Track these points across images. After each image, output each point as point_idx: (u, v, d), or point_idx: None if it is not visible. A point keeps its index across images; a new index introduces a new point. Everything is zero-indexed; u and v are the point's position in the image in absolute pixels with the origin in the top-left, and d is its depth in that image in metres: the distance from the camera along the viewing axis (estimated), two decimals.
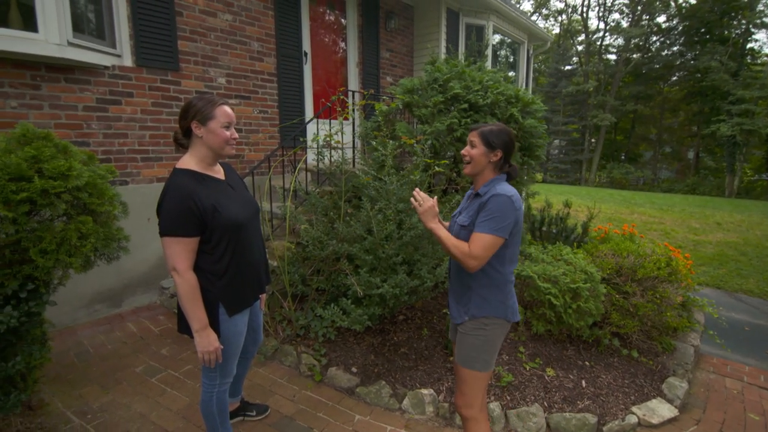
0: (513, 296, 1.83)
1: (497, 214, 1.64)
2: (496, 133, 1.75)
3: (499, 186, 1.72)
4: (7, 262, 1.89)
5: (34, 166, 1.76)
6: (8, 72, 3.01)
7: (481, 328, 1.77)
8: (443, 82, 3.90)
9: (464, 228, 1.77)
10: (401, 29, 6.60)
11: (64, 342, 3.14)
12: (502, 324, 1.79)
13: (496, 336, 1.79)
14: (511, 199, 1.67)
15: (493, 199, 1.67)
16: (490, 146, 1.74)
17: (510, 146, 1.76)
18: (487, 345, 1.78)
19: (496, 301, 1.77)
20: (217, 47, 4.28)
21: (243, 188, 1.94)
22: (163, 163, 3.92)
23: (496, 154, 1.74)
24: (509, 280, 1.79)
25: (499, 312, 1.77)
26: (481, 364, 1.78)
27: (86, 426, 2.32)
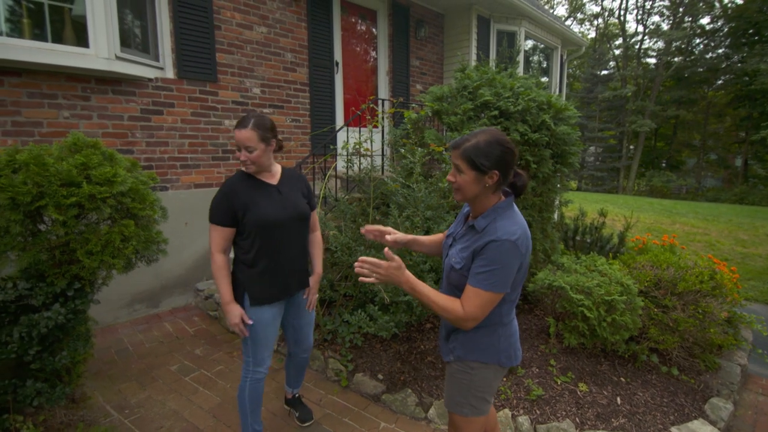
0: (508, 338, 1.53)
1: (497, 265, 1.33)
2: (483, 151, 1.35)
3: (501, 222, 1.38)
4: (57, 262, 2.02)
5: (83, 172, 1.89)
6: (62, 85, 3.24)
7: (467, 372, 1.53)
8: (473, 89, 3.88)
9: (455, 270, 1.47)
10: (431, 37, 6.63)
11: (105, 339, 3.30)
12: (495, 369, 1.52)
13: (484, 381, 1.53)
14: (515, 244, 1.33)
15: (493, 245, 1.34)
16: (479, 169, 1.36)
17: (506, 160, 1.37)
18: (474, 390, 1.54)
19: (486, 344, 1.50)
20: (252, 59, 4.44)
21: (294, 195, 2.05)
22: (200, 170, 4.09)
23: (492, 177, 1.37)
24: (504, 323, 1.51)
25: (489, 357, 1.50)
26: (470, 410, 1.55)
27: (124, 420, 2.43)
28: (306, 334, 2.26)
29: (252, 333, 1.97)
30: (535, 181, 3.82)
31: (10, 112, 3.03)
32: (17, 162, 1.79)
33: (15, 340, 1.97)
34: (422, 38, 6.43)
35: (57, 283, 2.01)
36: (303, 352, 2.31)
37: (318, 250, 2.25)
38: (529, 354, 3.28)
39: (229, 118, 4.28)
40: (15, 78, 3.04)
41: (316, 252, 2.25)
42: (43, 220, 1.97)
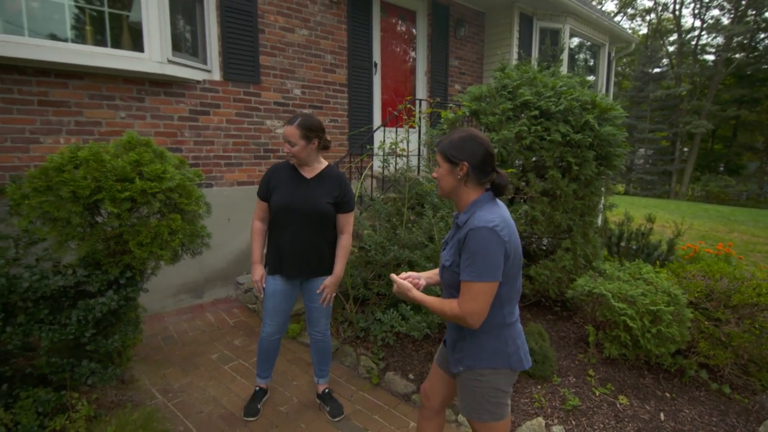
0: (516, 341, 1.51)
1: (479, 253, 1.34)
2: (456, 144, 1.46)
3: (480, 213, 1.41)
4: (111, 252, 2.18)
5: (136, 169, 2.02)
6: (119, 87, 3.47)
7: (478, 380, 1.51)
8: (513, 89, 3.80)
9: (446, 269, 1.51)
10: (471, 36, 6.55)
11: (153, 326, 3.51)
12: (506, 374, 1.51)
13: (498, 386, 1.51)
14: (494, 231, 1.34)
15: (472, 235, 1.36)
16: (451, 161, 1.45)
17: (479, 155, 1.43)
18: (488, 396, 1.51)
19: (493, 349, 1.48)
20: (294, 61, 4.56)
21: (319, 192, 2.23)
22: (243, 168, 4.25)
23: (462, 168, 1.44)
24: (508, 323, 1.49)
25: (498, 362, 1.48)
26: (489, 415, 1.53)
27: (167, 403, 2.57)
28: (317, 318, 2.42)
29: (264, 296, 2.35)
30: (577, 184, 3.69)
31: (74, 112, 3.28)
32: (78, 158, 1.95)
33: (73, 322, 2.14)
34: (462, 38, 6.36)
35: (111, 271, 2.16)
36: (317, 334, 2.47)
37: (341, 253, 2.32)
38: (566, 362, 3.18)
39: (270, 119, 4.42)
40: (78, 81, 3.28)
41: (339, 254, 2.32)
42: (99, 212, 2.12)
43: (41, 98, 3.13)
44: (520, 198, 3.86)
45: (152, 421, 2.34)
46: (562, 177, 3.65)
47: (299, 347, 3.30)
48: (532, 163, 3.82)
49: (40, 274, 2.01)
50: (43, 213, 1.93)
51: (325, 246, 2.29)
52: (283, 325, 2.44)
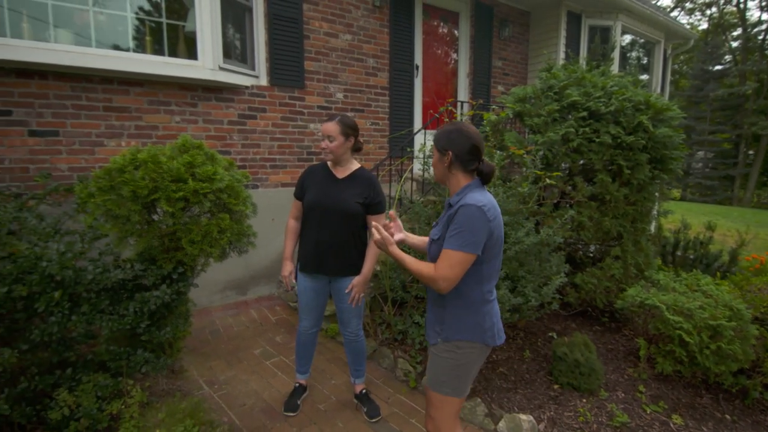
0: (492, 317, 1.64)
1: (465, 227, 1.48)
2: (444, 135, 1.63)
3: (471, 194, 1.56)
4: (166, 248, 2.31)
5: (189, 170, 2.14)
6: (175, 93, 3.68)
7: (453, 351, 1.62)
8: (559, 90, 3.68)
9: (434, 242, 1.64)
10: (515, 36, 6.40)
11: (201, 320, 3.68)
12: (480, 348, 1.63)
13: (470, 361, 1.63)
14: (482, 210, 1.49)
15: (461, 210, 1.50)
16: (441, 150, 1.63)
17: (463, 145, 1.58)
18: (458, 369, 1.63)
19: (471, 323, 1.60)
20: (337, 65, 4.65)
21: (349, 192, 2.28)
22: (287, 171, 4.38)
23: (447, 156, 1.60)
24: (487, 300, 1.62)
25: (474, 335, 1.60)
26: (451, 389, 1.64)
27: (213, 395, 2.68)
28: (348, 318, 2.46)
29: (297, 293, 2.46)
30: (628, 188, 3.51)
31: (134, 117, 3.52)
32: (138, 160, 2.09)
33: (130, 313, 2.29)
34: (506, 38, 6.24)
35: (165, 266, 2.30)
36: (349, 334, 2.50)
37: (371, 253, 2.34)
38: (615, 377, 3.02)
39: (314, 122, 4.53)
40: (138, 88, 3.52)
41: (369, 254, 2.34)
42: (156, 211, 2.26)
43: (106, 104, 3.38)
44: (566, 203, 3.72)
45: (199, 411, 2.45)
46: (612, 181, 3.48)
47: (338, 347, 3.34)
48: (579, 166, 3.67)
49: (103, 268, 2.17)
50: (106, 211, 2.08)
51: (353, 245, 2.33)
52: (317, 320, 2.52)
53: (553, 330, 3.59)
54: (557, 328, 3.64)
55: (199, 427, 2.30)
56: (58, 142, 3.23)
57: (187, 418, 2.35)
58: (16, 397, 2.06)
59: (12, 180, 3.09)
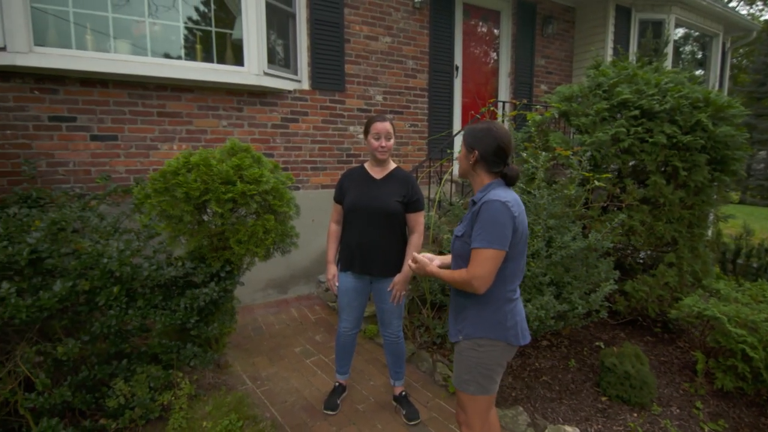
0: (516, 316, 1.62)
1: (491, 223, 1.48)
2: (473, 133, 1.63)
3: (495, 191, 1.56)
4: (214, 247, 2.40)
5: (237, 172, 2.22)
6: (222, 98, 3.83)
7: (474, 349, 1.62)
8: (608, 87, 3.52)
9: (458, 238, 1.65)
10: (560, 34, 6.19)
11: (244, 317, 3.80)
12: (502, 347, 1.61)
13: (492, 359, 1.62)
14: (506, 205, 1.48)
15: (485, 206, 1.51)
16: (468, 147, 1.64)
17: (489, 145, 1.58)
18: (481, 368, 1.62)
19: (493, 321, 1.59)
20: (376, 68, 4.68)
21: (388, 191, 2.28)
22: (327, 173, 4.45)
23: (473, 155, 1.61)
24: (510, 299, 1.61)
25: (496, 334, 1.59)
26: (476, 387, 1.64)
27: (256, 390, 2.76)
28: (389, 319, 2.45)
29: (338, 293, 2.47)
30: (684, 191, 3.30)
31: (185, 122, 3.69)
32: (191, 163, 2.18)
33: (181, 309, 2.39)
34: (549, 35, 6.05)
35: (213, 265, 2.39)
36: (390, 335, 2.51)
37: (411, 251, 2.32)
38: (668, 391, 2.85)
39: (353, 125, 4.58)
40: (189, 94, 3.69)
41: (409, 253, 2.33)
42: (206, 211, 2.36)
43: (160, 110, 3.57)
44: (614, 206, 3.54)
45: (243, 406, 2.53)
46: (666, 183, 3.29)
47: (376, 348, 3.35)
48: (630, 167, 3.50)
49: (157, 265, 2.28)
50: (161, 211, 2.19)
51: (394, 244, 2.33)
52: (357, 320, 2.53)
53: (600, 339, 3.43)
54: (605, 338, 3.48)
55: (244, 421, 2.38)
56: (117, 146, 3.44)
57: (232, 412, 2.43)
58: (77, 385, 2.21)
59: (76, 181, 3.32)
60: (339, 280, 2.46)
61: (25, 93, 3.12)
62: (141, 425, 2.33)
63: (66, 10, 3.20)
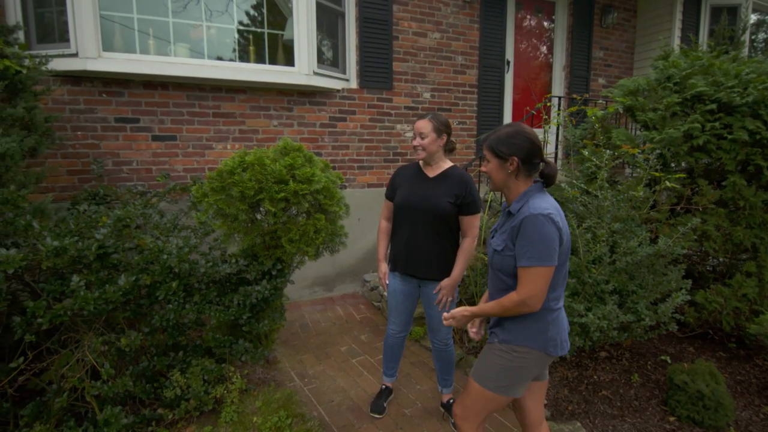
0: (558, 326, 1.54)
1: (537, 239, 1.40)
2: (504, 140, 1.52)
3: (533, 201, 1.47)
4: (267, 246, 2.43)
5: (290, 172, 2.23)
6: (273, 98, 3.89)
7: (509, 353, 1.55)
8: (680, 80, 3.23)
9: (498, 253, 1.56)
10: (620, 24, 5.81)
11: (291, 314, 3.86)
12: (539, 356, 1.53)
13: (526, 366, 1.54)
14: (549, 217, 1.41)
15: (527, 221, 1.42)
16: (500, 156, 1.52)
17: (527, 148, 1.49)
18: (510, 371, 1.55)
19: (532, 330, 1.52)
20: (424, 64, 4.59)
21: (439, 191, 2.20)
22: (373, 171, 4.43)
23: (512, 163, 1.50)
24: (552, 308, 1.52)
25: (535, 343, 1.52)
26: (494, 386, 1.58)
27: (304, 388, 2.78)
28: (437, 326, 2.36)
29: (387, 294, 2.44)
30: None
31: (238, 122, 3.79)
32: (246, 163, 2.22)
33: (234, 305, 2.45)
34: (608, 26, 5.69)
35: (266, 263, 2.42)
36: (438, 342, 2.41)
37: (462, 256, 2.22)
38: (747, 414, 2.58)
39: (400, 123, 4.52)
40: (242, 94, 3.78)
41: (459, 257, 2.23)
42: (259, 210, 2.39)
43: (215, 111, 3.69)
44: (683, 208, 3.26)
45: (291, 403, 2.55)
46: (747, 184, 2.97)
47: (422, 351, 3.29)
48: (704, 166, 3.20)
49: (213, 262, 2.34)
50: (218, 209, 2.24)
51: (444, 247, 2.22)
52: (406, 323, 2.47)
53: (665, 353, 3.17)
54: (671, 351, 3.21)
55: (292, 419, 2.40)
56: (176, 145, 3.59)
57: (281, 409, 2.45)
58: (137, 375, 2.31)
59: (138, 179, 3.50)
60: (389, 279, 2.41)
61: (94, 96, 3.32)
62: (195, 416, 2.40)
63: (131, 17, 3.37)
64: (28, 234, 2.04)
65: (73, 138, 3.30)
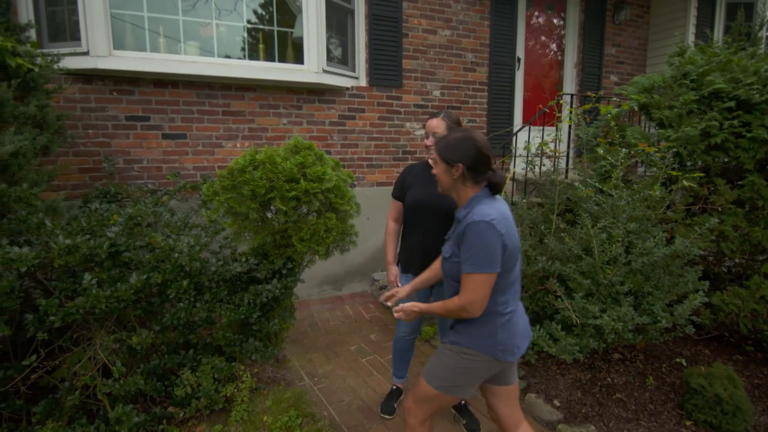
0: (509, 331, 1.53)
1: (478, 245, 1.42)
2: (452, 146, 1.53)
3: (478, 208, 1.47)
4: (277, 245, 2.42)
5: (301, 170, 2.21)
6: (283, 96, 3.88)
7: (458, 355, 1.56)
8: (697, 77, 3.16)
9: (446, 260, 1.58)
10: (633, 20, 5.72)
11: (300, 312, 3.85)
12: (488, 360, 1.53)
13: (473, 368, 1.54)
14: (491, 224, 1.41)
15: (470, 228, 1.44)
16: (446, 162, 1.53)
17: (473, 156, 1.49)
18: (459, 372, 1.56)
19: (480, 333, 1.52)
20: (434, 62, 4.55)
21: None
22: (382, 170, 4.41)
23: (457, 169, 1.51)
24: (501, 312, 1.52)
25: (483, 347, 1.52)
26: (440, 386, 1.59)
27: (314, 387, 2.77)
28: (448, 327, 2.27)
29: None
30: None
31: (248, 120, 3.78)
32: (257, 161, 2.20)
33: (244, 304, 2.44)
34: (621, 22, 5.60)
35: (276, 261, 2.41)
36: None
37: None
38: (765, 419, 2.52)
39: (410, 121, 4.49)
40: (252, 93, 3.77)
41: None
42: (270, 209, 2.38)
43: (224, 109, 3.68)
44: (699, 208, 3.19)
45: (302, 403, 2.54)
46: (766, 184, 2.90)
47: (431, 350, 3.26)
48: (721, 165, 3.13)
49: (224, 261, 2.33)
50: (229, 208, 2.23)
51: None
52: (416, 326, 2.44)
53: (680, 355, 3.11)
54: (686, 353, 3.15)
55: (302, 419, 2.38)
56: (186, 144, 3.59)
57: (291, 409, 2.44)
58: (148, 373, 2.31)
59: (149, 178, 3.51)
60: (399, 281, 2.38)
61: (105, 94, 3.33)
62: (206, 415, 2.40)
63: (141, 15, 3.37)
64: (41, 232, 2.04)
65: (84, 136, 3.31)
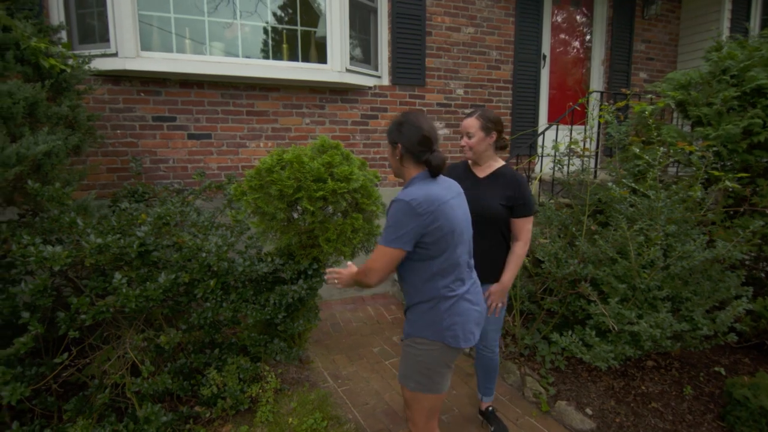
0: (453, 316, 1.53)
1: (392, 222, 1.47)
2: (394, 128, 1.59)
3: (410, 188, 1.51)
4: (303, 245, 2.40)
5: (328, 170, 2.18)
6: (306, 96, 3.87)
7: (413, 347, 1.58)
8: (738, 72, 3.01)
9: None
10: (663, 15, 5.52)
11: (322, 313, 3.81)
12: (441, 347, 1.53)
13: (431, 359, 1.55)
14: (410, 204, 1.43)
15: (392, 205, 1.50)
16: (391, 143, 1.61)
17: (412, 137, 1.52)
18: (419, 366, 1.57)
19: (426, 320, 1.54)
20: (458, 60, 4.48)
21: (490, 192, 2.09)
22: None
23: (398, 149, 1.57)
24: (445, 296, 1.52)
25: (430, 333, 1.53)
26: (415, 384, 1.59)
27: (337, 389, 2.74)
28: (486, 331, 2.23)
29: None
30: None
31: (271, 120, 3.78)
32: (284, 161, 2.18)
33: (270, 305, 2.43)
34: (651, 17, 5.42)
35: (302, 262, 2.39)
36: (485, 349, 2.29)
37: (513, 260, 2.11)
38: None
39: (433, 120, 4.42)
40: (275, 93, 3.77)
41: (510, 261, 2.12)
42: (296, 209, 2.36)
43: (249, 109, 3.69)
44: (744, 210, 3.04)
45: (326, 405, 2.51)
46: None
47: None
48: (764, 165, 2.98)
49: (250, 261, 2.32)
50: (256, 208, 2.22)
51: (493, 250, 2.11)
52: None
53: (718, 363, 2.97)
54: (724, 362, 3.00)
55: (328, 421, 2.36)
56: (211, 144, 3.62)
57: (316, 411, 2.42)
58: (175, 371, 2.32)
59: (175, 177, 3.54)
60: None
61: (132, 95, 3.38)
62: (231, 415, 2.39)
63: (168, 17, 3.40)
64: (72, 231, 2.06)
65: (112, 136, 3.36)
